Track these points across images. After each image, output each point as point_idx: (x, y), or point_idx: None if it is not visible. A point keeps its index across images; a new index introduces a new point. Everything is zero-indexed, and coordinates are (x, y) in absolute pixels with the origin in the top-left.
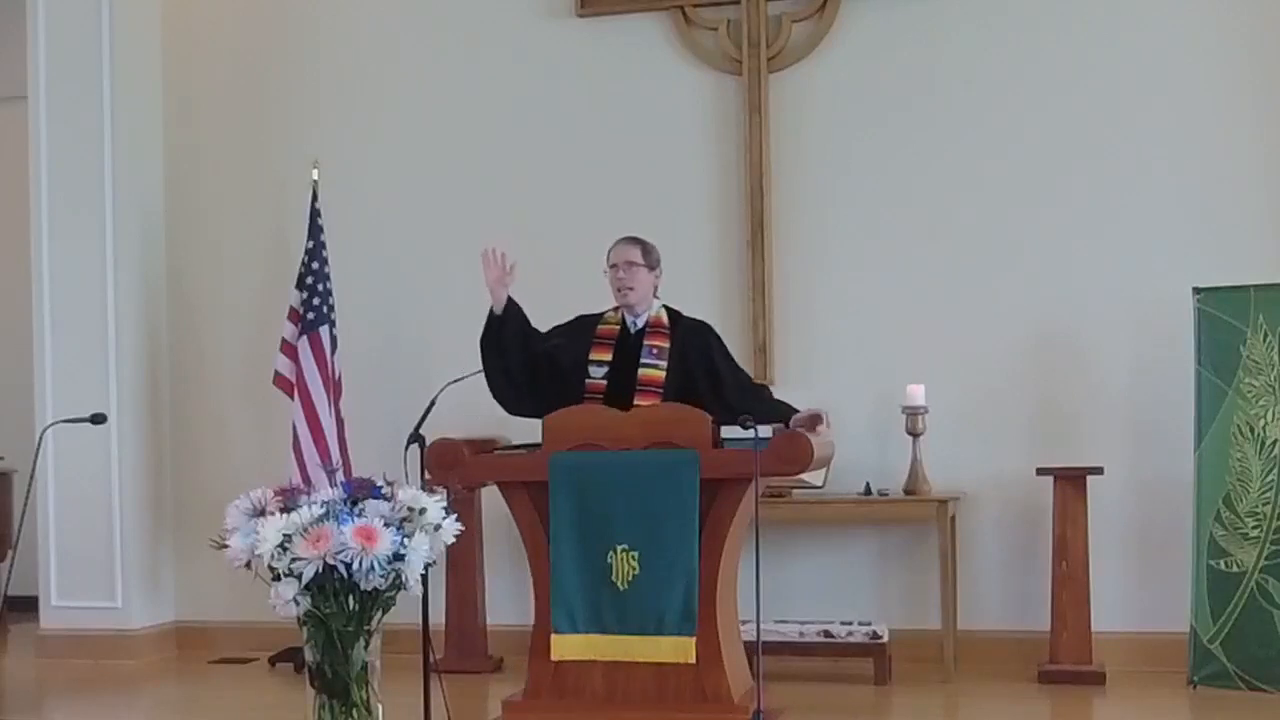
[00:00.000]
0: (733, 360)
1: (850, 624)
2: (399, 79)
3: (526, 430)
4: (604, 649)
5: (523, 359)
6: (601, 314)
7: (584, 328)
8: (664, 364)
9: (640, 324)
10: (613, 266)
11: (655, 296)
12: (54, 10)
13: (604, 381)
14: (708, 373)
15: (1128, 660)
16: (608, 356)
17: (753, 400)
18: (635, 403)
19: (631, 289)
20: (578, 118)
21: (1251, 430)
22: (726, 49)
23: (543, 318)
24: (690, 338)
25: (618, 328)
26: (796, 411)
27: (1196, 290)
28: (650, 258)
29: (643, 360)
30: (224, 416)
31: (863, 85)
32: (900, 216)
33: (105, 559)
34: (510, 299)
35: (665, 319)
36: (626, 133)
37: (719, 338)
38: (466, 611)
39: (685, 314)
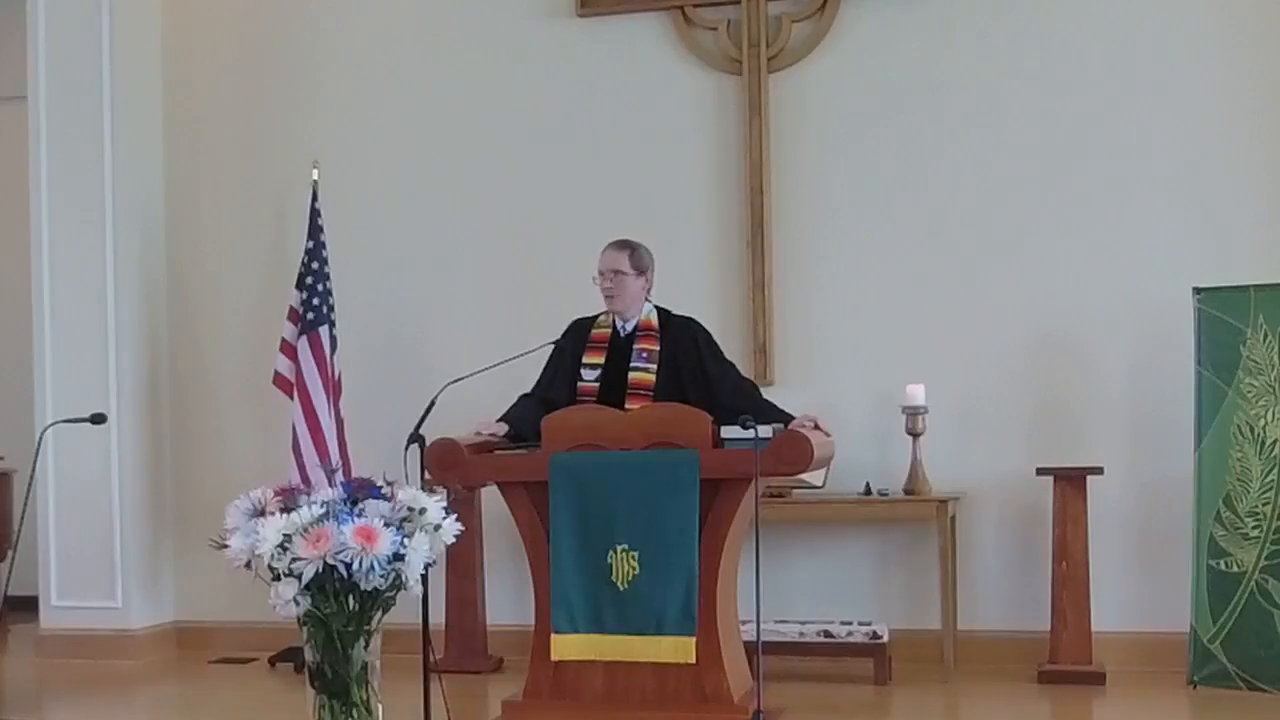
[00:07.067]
0: (722, 358)
1: (850, 624)
2: (399, 79)
3: None
4: (604, 649)
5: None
6: (595, 317)
7: (579, 331)
8: (654, 367)
9: (630, 328)
10: (601, 274)
11: (647, 299)
12: (54, 10)
13: (596, 384)
14: (696, 374)
15: (1128, 660)
16: (600, 359)
17: (744, 400)
18: (626, 406)
19: (615, 297)
20: (577, 118)
21: (1251, 430)
22: (726, 49)
23: (542, 317)
24: (678, 337)
25: (609, 331)
26: (788, 414)
27: (1196, 290)
28: (639, 263)
29: (633, 364)
30: (224, 416)
31: (862, 85)
32: (900, 216)
33: (105, 559)
34: (505, 419)
35: (655, 321)
36: (626, 133)
37: (706, 333)
38: (466, 611)
39: (675, 312)
